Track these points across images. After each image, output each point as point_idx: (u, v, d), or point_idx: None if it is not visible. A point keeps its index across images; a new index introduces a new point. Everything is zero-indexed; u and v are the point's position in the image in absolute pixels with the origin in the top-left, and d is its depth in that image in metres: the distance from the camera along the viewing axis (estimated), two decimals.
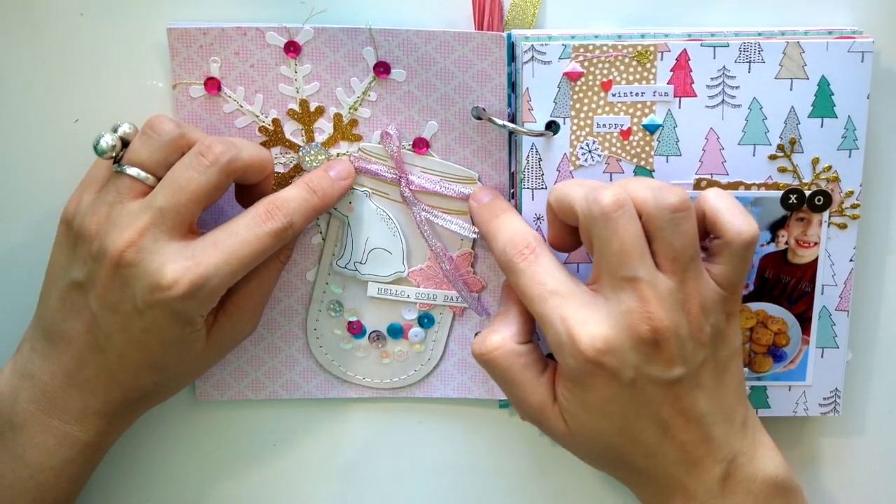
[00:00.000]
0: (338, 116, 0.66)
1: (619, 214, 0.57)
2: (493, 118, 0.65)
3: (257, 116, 0.65)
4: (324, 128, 0.66)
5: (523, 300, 0.61)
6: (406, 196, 0.66)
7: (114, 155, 0.61)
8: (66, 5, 0.65)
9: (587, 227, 0.58)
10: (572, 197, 0.59)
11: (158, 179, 0.61)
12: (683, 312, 0.58)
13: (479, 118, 0.65)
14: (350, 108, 0.66)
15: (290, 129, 0.66)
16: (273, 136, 0.66)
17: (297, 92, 0.65)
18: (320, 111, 0.66)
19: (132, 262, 0.59)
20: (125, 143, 0.62)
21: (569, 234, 0.62)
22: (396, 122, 0.66)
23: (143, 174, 0.61)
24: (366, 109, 0.66)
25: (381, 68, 0.65)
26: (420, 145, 0.66)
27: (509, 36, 0.65)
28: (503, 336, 0.62)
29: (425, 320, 0.69)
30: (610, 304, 0.58)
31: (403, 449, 0.72)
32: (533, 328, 0.64)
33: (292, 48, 0.64)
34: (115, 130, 0.62)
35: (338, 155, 0.66)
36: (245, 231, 0.61)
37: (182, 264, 0.59)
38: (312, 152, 0.66)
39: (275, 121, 0.66)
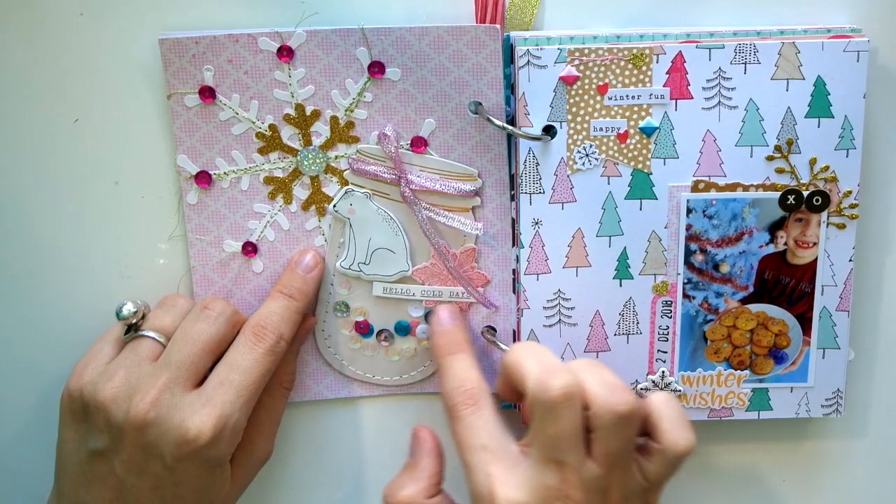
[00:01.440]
0: (334, 119, 0.66)
1: (564, 406, 0.58)
2: (492, 118, 0.65)
3: (254, 123, 0.66)
4: (321, 131, 0.66)
5: (456, 444, 0.62)
6: (406, 196, 0.67)
7: (134, 321, 0.64)
8: (66, 5, 0.65)
9: (531, 404, 0.59)
10: (525, 373, 0.60)
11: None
12: (603, 499, 0.59)
13: (476, 114, 0.66)
14: (346, 111, 0.66)
15: (288, 134, 0.66)
16: (270, 142, 0.66)
17: (293, 96, 0.66)
18: (316, 114, 0.66)
19: (155, 422, 0.61)
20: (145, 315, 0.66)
21: (516, 394, 0.63)
22: (393, 121, 0.66)
23: (160, 337, 0.64)
24: (362, 111, 0.66)
25: (376, 68, 0.65)
26: (418, 144, 0.66)
27: (507, 38, 0.65)
28: (412, 492, 0.64)
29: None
30: (533, 474, 0.59)
31: None
32: (441, 480, 0.65)
33: (285, 53, 0.65)
34: (134, 301, 0.65)
35: (336, 157, 0.67)
36: (243, 359, 0.63)
37: (201, 413, 0.61)
38: (311, 156, 0.67)
39: (271, 126, 0.66)
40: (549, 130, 0.65)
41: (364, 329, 0.69)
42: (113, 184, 0.68)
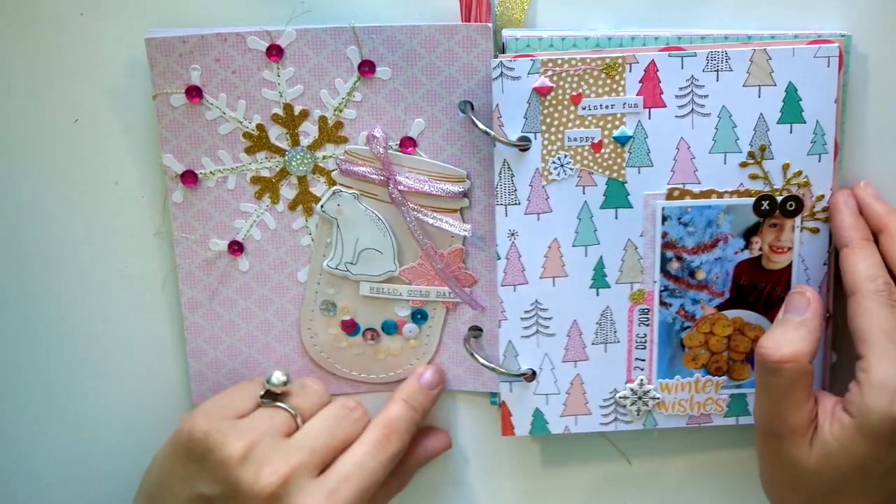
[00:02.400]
0: (322, 119, 0.66)
1: None
2: (475, 120, 0.65)
3: (241, 122, 0.66)
4: (309, 131, 0.67)
5: (872, 329, 0.61)
6: (395, 197, 0.67)
7: (279, 392, 0.66)
8: (66, 5, 0.66)
9: None
10: None
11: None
12: None
13: (464, 113, 0.66)
14: (335, 110, 0.66)
15: (275, 134, 0.67)
16: (258, 142, 0.67)
17: (281, 96, 0.66)
18: (305, 114, 0.66)
19: (280, 498, 0.62)
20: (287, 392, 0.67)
21: None
22: (382, 121, 0.66)
23: (298, 417, 0.65)
24: (351, 111, 0.66)
25: (366, 67, 0.65)
26: (407, 144, 0.67)
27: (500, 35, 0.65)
28: (799, 351, 0.61)
29: (419, 316, 0.70)
30: None
31: None
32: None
33: (275, 52, 0.65)
34: (286, 372, 0.66)
35: (324, 158, 0.67)
36: (370, 460, 0.64)
37: (324, 502, 0.62)
38: (298, 156, 0.67)
39: (259, 126, 0.66)
40: (524, 141, 0.65)
41: (351, 328, 0.70)
42: (113, 184, 0.69)
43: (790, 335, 0.62)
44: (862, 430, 0.59)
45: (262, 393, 0.66)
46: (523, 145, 0.65)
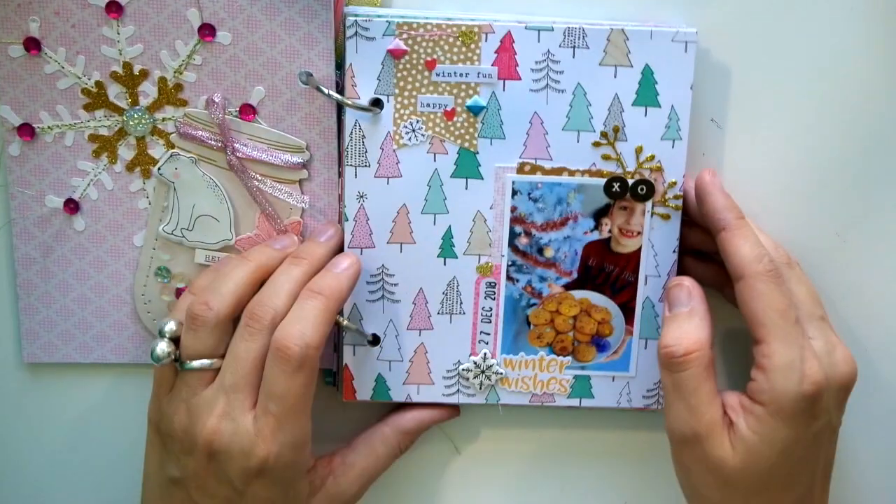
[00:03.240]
0: (162, 80, 0.65)
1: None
2: (320, 86, 0.64)
3: (79, 78, 0.65)
4: (148, 91, 0.65)
5: (767, 312, 0.60)
6: (233, 164, 0.66)
7: (173, 358, 0.62)
8: None
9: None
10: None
11: (222, 357, 0.62)
12: None
13: (306, 84, 0.64)
14: (175, 72, 0.65)
15: (115, 92, 0.65)
16: (96, 99, 0.65)
17: (120, 54, 0.65)
18: (144, 74, 0.65)
19: (220, 448, 0.60)
20: (176, 339, 0.63)
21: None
22: (223, 87, 0.65)
23: (206, 363, 0.62)
24: (191, 73, 0.65)
25: (206, 31, 0.64)
26: (247, 112, 0.65)
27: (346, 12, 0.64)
28: (700, 339, 0.61)
29: None
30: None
31: None
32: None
33: (114, 8, 0.63)
34: (161, 334, 0.62)
35: (164, 120, 0.66)
36: (276, 385, 0.60)
37: (257, 442, 0.60)
38: (136, 116, 0.66)
39: (98, 83, 0.65)
40: (377, 104, 0.64)
41: None
42: None
43: (686, 327, 0.62)
44: (777, 415, 0.59)
45: (172, 356, 0.62)
46: (374, 110, 0.64)
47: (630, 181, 0.65)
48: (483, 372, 0.68)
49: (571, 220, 0.65)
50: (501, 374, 0.68)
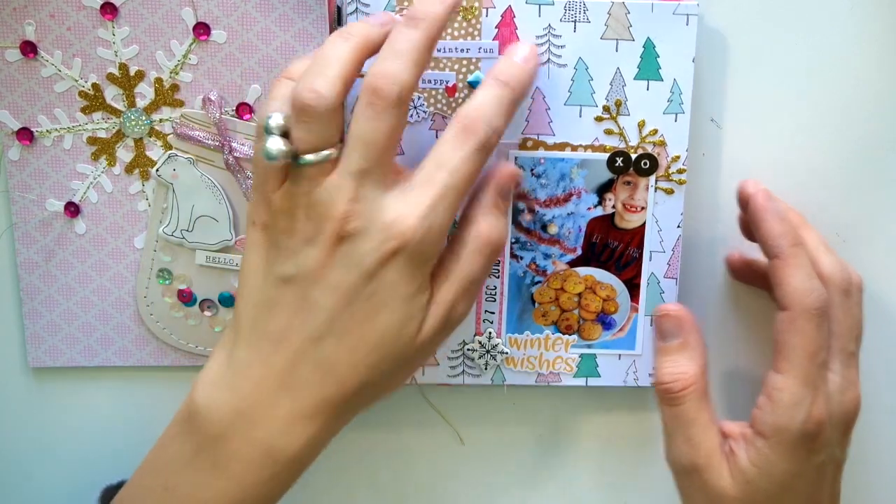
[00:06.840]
0: (158, 81, 0.65)
1: None
2: None
3: (76, 81, 0.64)
4: (145, 92, 0.65)
5: (797, 351, 0.60)
6: (230, 164, 0.65)
7: (289, 156, 0.56)
8: None
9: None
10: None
11: (340, 141, 0.57)
12: None
13: None
14: (171, 72, 0.64)
15: (112, 94, 0.65)
16: (94, 101, 0.65)
17: (116, 56, 0.64)
18: (140, 75, 0.65)
19: (356, 231, 0.56)
20: (286, 133, 0.57)
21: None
22: (219, 86, 0.65)
23: (324, 153, 0.56)
24: (187, 73, 0.65)
25: (201, 30, 0.64)
26: (243, 111, 0.65)
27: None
28: (695, 373, 0.62)
29: None
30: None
31: None
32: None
33: (109, 10, 0.63)
34: (268, 129, 0.56)
35: (161, 121, 0.65)
36: (451, 157, 0.57)
37: (403, 210, 0.56)
38: (134, 117, 0.65)
39: (94, 85, 0.65)
40: None
41: (187, 297, 0.68)
42: None
43: (680, 360, 0.63)
44: (777, 449, 0.60)
45: (288, 153, 0.56)
46: None
47: (633, 156, 0.65)
48: (488, 352, 0.68)
49: (575, 196, 0.65)
50: (507, 353, 0.68)
